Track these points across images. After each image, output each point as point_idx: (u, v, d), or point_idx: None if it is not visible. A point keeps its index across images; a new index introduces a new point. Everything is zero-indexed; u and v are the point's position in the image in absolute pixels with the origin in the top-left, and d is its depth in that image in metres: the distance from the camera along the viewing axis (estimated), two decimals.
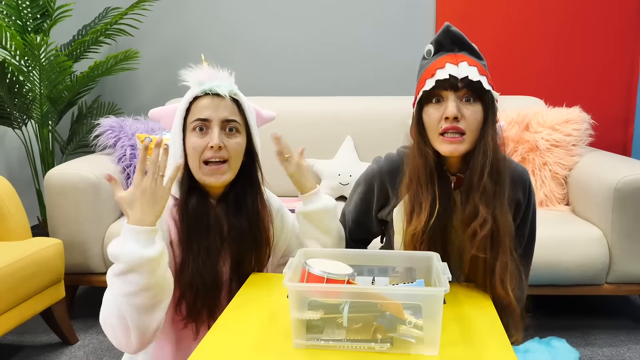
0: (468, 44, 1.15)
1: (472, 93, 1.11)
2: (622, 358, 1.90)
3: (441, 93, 1.12)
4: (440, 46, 1.16)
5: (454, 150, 1.12)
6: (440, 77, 1.09)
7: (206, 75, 1.20)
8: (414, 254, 1.13)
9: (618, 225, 1.95)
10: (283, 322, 1.04)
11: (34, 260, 1.78)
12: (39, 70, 2.46)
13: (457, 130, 1.10)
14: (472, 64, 1.11)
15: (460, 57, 1.12)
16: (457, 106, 1.09)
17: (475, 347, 0.95)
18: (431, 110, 1.14)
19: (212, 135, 1.15)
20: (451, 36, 1.14)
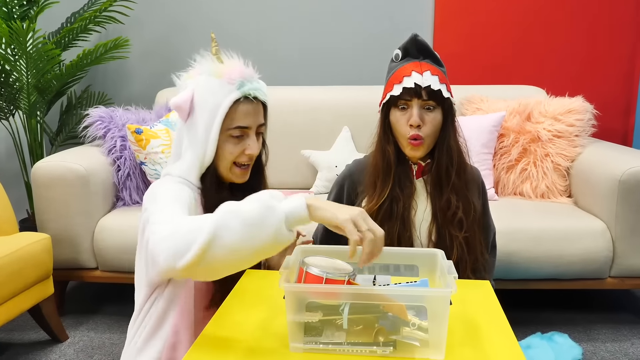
0: (432, 52, 1.30)
1: (433, 101, 1.26)
2: (626, 353, 1.86)
3: (406, 101, 1.27)
4: (407, 52, 1.30)
5: (416, 153, 1.30)
6: (407, 85, 1.25)
7: (239, 72, 1.14)
8: (417, 251, 1.08)
9: (622, 218, 1.90)
10: (279, 324, 0.99)
11: (20, 256, 1.72)
12: (25, 58, 2.38)
13: (418, 137, 1.26)
14: (435, 73, 1.26)
15: (425, 65, 1.27)
16: (420, 114, 1.25)
17: (482, 350, 0.90)
18: (398, 115, 1.29)
19: (251, 144, 1.16)
20: (417, 45, 1.29)
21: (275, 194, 0.91)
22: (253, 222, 0.86)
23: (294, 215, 0.89)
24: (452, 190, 1.30)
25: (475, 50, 2.77)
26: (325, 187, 2.43)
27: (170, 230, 0.91)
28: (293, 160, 2.48)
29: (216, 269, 0.90)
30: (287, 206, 0.89)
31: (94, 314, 2.18)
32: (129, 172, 2.18)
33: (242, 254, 0.87)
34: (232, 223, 0.86)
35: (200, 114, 1.13)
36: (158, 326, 1.09)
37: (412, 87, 1.24)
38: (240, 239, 0.86)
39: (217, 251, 0.86)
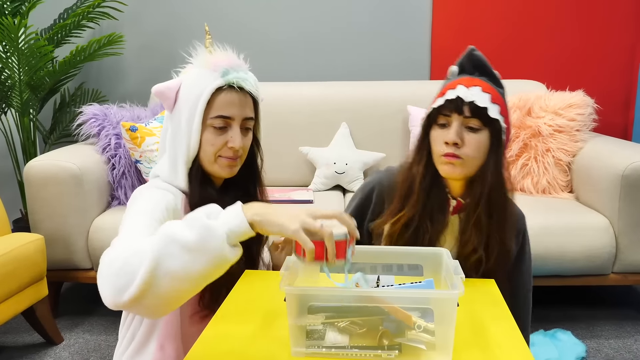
0: (489, 71, 1.14)
1: (477, 120, 1.09)
2: (630, 350, 1.84)
3: (446, 117, 1.11)
4: (463, 69, 1.16)
5: (451, 171, 1.12)
6: (449, 97, 1.09)
7: (226, 61, 1.09)
8: (421, 250, 1.05)
9: (625, 213, 1.88)
10: (280, 327, 0.95)
11: (13, 257, 1.68)
12: (17, 55, 2.33)
13: (454, 156, 1.10)
14: (487, 90, 1.09)
15: (477, 81, 1.11)
16: (459, 132, 1.09)
17: (490, 352, 0.87)
18: (436, 135, 1.14)
19: (233, 136, 1.09)
20: (473, 60, 1.14)
21: (212, 211, 0.82)
22: (193, 247, 0.78)
23: (235, 233, 0.80)
24: (475, 225, 1.14)
25: (475, 45, 2.73)
26: (323, 184, 2.39)
27: (111, 259, 0.82)
28: (291, 157, 2.45)
29: (166, 300, 0.81)
30: (227, 225, 0.80)
31: (90, 316, 2.14)
32: (124, 170, 2.14)
33: (189, 281, 0.80)
34: (172, 249, 0.78)
35: (183, 104, 1.09)
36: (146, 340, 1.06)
37: (453, 99, 1.08)
38: (184, 267, 0.78)
39: (163, 281, 0.78)
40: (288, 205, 0.88)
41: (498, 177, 1.13)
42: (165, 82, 1.10)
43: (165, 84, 1.10)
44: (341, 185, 2.43)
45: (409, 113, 2.42)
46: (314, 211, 0.85)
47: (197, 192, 1.10)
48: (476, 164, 1.12)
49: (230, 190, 1.18)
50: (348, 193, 2.39)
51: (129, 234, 0.91)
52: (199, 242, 0.78)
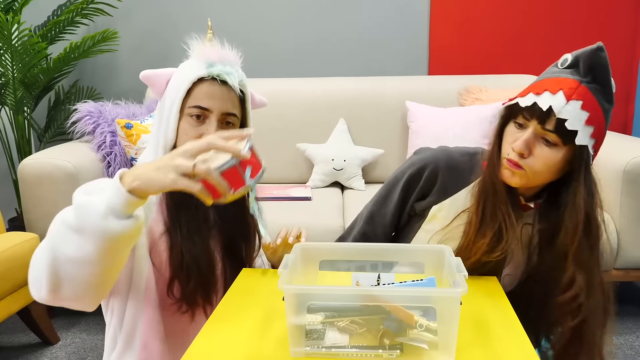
0: (607, 78, 0.96)
1: (556, 136, 0.95)
2: (631, 346, 1.82)
3: (526, 120, 0.98)
4: (576, 64, 0.98)
5: (508, 178, 1.02)
6: (539, 102, 0.94)
7: (216, 54, 1.06)
8: (422, 247, 1.02)
9: (627, 209, 1.86)
10: (279, 327, 0.93)
11: (8, 256, 1.66)
12: (10, 52, 2.30)
13: (516, 165, 1.00)
14: (587, 108, 0.93)
15: (582, 91, 0.94)
16: (528, 141, 0.97)
17: (494, 351, 0.85)
18: (509, 132, 1.02)
19: (209, 129, 1.05)
20: (593, 60, 0.95)
21: (95, 187, 0.79)
22: (77, 227, 0.75)
23: (118, 204, 0.76)
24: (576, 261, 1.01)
25: (473, 40, 2.72)
26: (321, 181, 2.37)
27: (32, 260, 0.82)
28: (289, 153, 2.43)
29: (83, 286, 0.79)
30: (106, 198, 0.76)
31: (86, 315, 2.12)
32: (120, 168, 2.11)
33: (91, 263, 0.77)
34: (64, 234, 0.76)
35: (169, 92, 1.07)
36: (128, 342, 1.04)
37: (541, 109, 0.94)
38: (78, 249, 0.76)
39: (67, 268, 0.77)
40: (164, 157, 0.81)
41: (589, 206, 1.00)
42: (157, 69, 1.09)
43: (154, 70, 1.09)
44: (339, 182, 2.41)
45: (407, 109, 2.39)
46: (184, 150, 0.77)
47: None
48: (540, 179, 1.01)
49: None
50: (346, 189, 2.37)
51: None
52: (79, 221, 0.75)
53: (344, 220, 1.97)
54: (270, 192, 2.22)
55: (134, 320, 1.03)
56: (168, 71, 1.09)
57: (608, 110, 0.98)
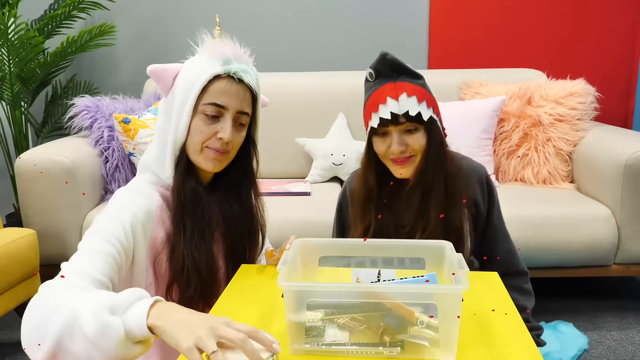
0: (405, 68, 1.19)
1: (413, 123, 1.17)
2: (632, 341, 1.82)
3: (385, 128, 1.18)
4: (379, 73, 1.20)
5: (405, 172, 1.22)
6: (383, 116, 1.16)
7: (230, 52, 1.04)
8: (423, 243, 1.01)
9: (628, 203, 1.85)
10: (278, 323, 0.92)
11: (4, 253, 1.65)
12: (7, 47, 2.29)
13: (405, 160, 1.19)
14: (412, 93, 1.16)
15: (400, 86, 1.17)
16: (400, 141, 1.18)
17: (496, 349, 0.84)
18: (378, 142, 1.21)
19: (224, 128, 1.03)
20: (389, 64, 1.18)
21: (120, 304, 0.76)
22: (91, 339, 0.73)
23: (133, 335, 0.75)
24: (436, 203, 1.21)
25: (473, 33, 2.70)
26: (320, 176, 2.36)
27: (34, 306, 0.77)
28: (288, 148, 2.41)
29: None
30: (127, 324, 0.75)
31: None
32: (117, 163, 2.10)
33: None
34: (75, 332, 0.73)
35: (179, 88, 1.04)
36: None
37: (387, 118, 1.15)
38: (85, 353, 0.73)
39: (66, 358, 0.74)
40: (202, 314, 0.78)
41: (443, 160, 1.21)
42: (165, 64, 1.06)
43: (162, 65, 1.05)
44: (339, 177, 2.39)
45: None
46: (215, 327, 0.73)
47: (180, 183, 1.05)
48: (421, 156, 1.20)
49: (218, 189, 1.13)
50: None
51: (75, 267, 0.85)
52: (96, 336, 0.73)
53: None
54: (269, 188, 2.20)
55: None
56: (176, 66, 1.06)
57: (423, 83, 1.21)
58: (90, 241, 0.91)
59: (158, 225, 1.04)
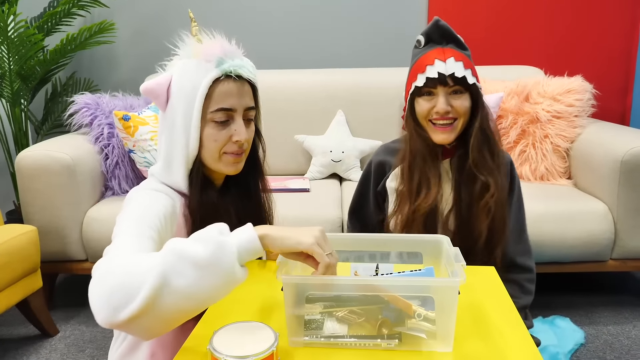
0: (455, 37, 1.25)
1: (459, 86, 1.23)
2: (628, 336, 1.83)
3: (432, 89, 1.24)
4: (430, 38, 1.26)
5: (447, 138, 1.25)
6: (430, 75, 1.21)
7: (220, 49, 1.01)
8: (420, 237, 1.03)
9: (624, 199, 1.86)
10: (277, 316, 0.94)
11: (5, 249, 1.66)
12: (7, 44, 2.29)
13: (447, 119, 1.24)
14: (459, 59, 1.22)
15: (448, 52, 1.23)
16: (446, 101, 1.22)
17: (492, 341, 0.85)
18: (422, 102, 1.26)
19: (238, 129, 1.02)
20: (440, 30, 1.24)
21: (223, 228, 0.79)
22: (204, 263, 0.74)
23: (247, 250, 0.78)
24: (487, 173, 1.26)
25: (472, 30, 2.71)
26: (320, 173, 2.37)
27: (106, 275, 0.75)
28: (287, 145, 2.42)
29: (166, 320, 0.76)
30: (239, 240, 0.78)
31: (85, 307, 2.12)
32: (117, 160, 2.11)
33: (195, 300, 0.76)
34: (181, 266, 0.74)
35: (177, 101, 1.01)
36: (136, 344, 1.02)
37: (435, 77, 1.21)
38: (193, 284, 0.74)
39: (167, 299, 0.73)
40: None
41: (489, 127, 1.27)
42: (154, 78, 1.02)
43: (154, 80, 1.01)
44: (338, 174, 2.41)
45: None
46: (326, 236, 0.85)
47: (197, 196, 1.03)
48: (463, 123, 1.25)
49: (230, 188, 1.12)
50: (345, 181, 2.37)
51: (123, 246, 0.84)
52: (210, 257, 0.74)
53: (342, 211, 1.97)
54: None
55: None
56: (166, 77, 1.03)
57: (469, 55, 1.27)
58: (130, 226, 0.88)
59: (180, 225, 1.03)
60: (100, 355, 1.78)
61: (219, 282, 0.76)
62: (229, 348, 0.74)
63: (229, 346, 0.74)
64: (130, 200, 0.98)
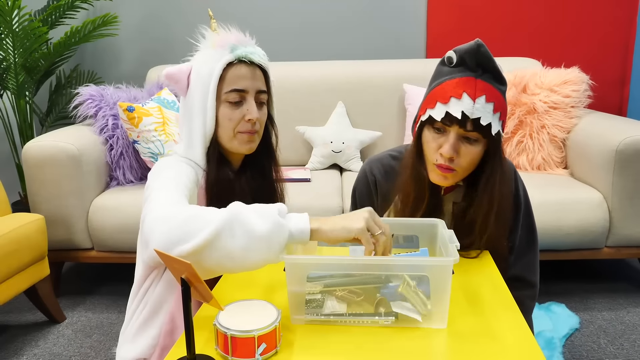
0: (494, 67, 1.05)
1: (477, 133, 1.04)
2: (622, 321, 1.88)
3: (446, 126, 1.05)
4: (463, 61, 1.05)
5: (442, 181, 1.10)
6: (453, 112, 1.02)
7: (234, 39, 1.11)
8: (416, 221, 1.06)
9: (619, 188, 1.90)
10: (280, 296, 0.98)
11: (14, 237, 1.70)
12: (12, 37, 2.33)
13: (448, 169, 1.07)
14: (490, 99, 1.02)
15: (481, 86, 1.02)
16: (454, 145, 1.04)
17: (485, 318, 0.89)
18: (429, 138, 1.09)
19: (250, 109, 1.11)
20: (479, 57, 1.03)
21: (282, 209, 0.88)
22: (259, 236, 0.84)
23: (297, 238, 0.87)
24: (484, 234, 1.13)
25: (470, 23, 2.73)
26: (320, 163, 2.41)
27: (169, 214, 0.87)
28: (288, 136, 2.46)
29: (204, 269, 0.86)
30: (294, 228, 0.86)
31: (91, 295, 2.17)
32: (122, 151, 2.15)
33: (236, 264, 0.85)
34: (237, 231, 0.84)
35: (195, 85, 1.11)
36: (155, 312, 1.06)
37: (457, 117, 1.02)
38: (240, 249, 0.84)
39: (214, 253, 0.84)
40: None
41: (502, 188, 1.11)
42: (176, 66, 1.12)
43: (176, 67, 1.11)
44: (338, 164, 2.44)
45: (405, 91, 2.42)
46: (375, 215, 0.90)
47: (214, 172, 1.12)
48: (468, 171, 1.10)
49: (247, 169, 1.19)
50: (345, 172, 2.41)
51: (166, 197, 0.93)
52: (266, 233, 0.84)
53: (342, 200, 2.01)
54: None
55: (164, 295, 1.05)
56: (187, 66, 1.13)
57: (504, 90, 1.07)
58: (168, 184, 0.98)
59: (201, 196, 1.11)
60: (106, 340, 1.83)
61: (261, 257, 0.85)
62: (234, 323, 0.78)
63: (234, 322, 0.79)
64: (160, 169, 1.06)
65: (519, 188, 1.23)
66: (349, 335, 0.85)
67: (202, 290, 0.76)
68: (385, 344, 0.82)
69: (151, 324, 1.06)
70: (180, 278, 0.75)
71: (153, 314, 1.06)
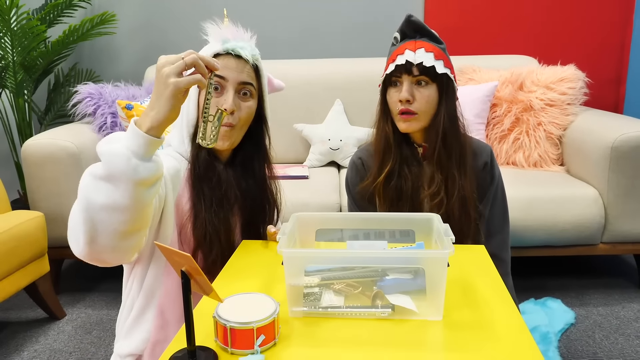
0: (428, 31, 1.27)
1: (426, 77, 1.24)
2: (617, 316, 1.89)
3: (398, 78, 1.26)
4: (405, 34, 1.28)
5: (408, 127, 1.27)
6: (399, 62, 1.23)
7: (230, 33, 1.14)
8: (412, 216, 1.08)
9: (614, 185, 1.92)
10: (278, 289, 0.99)
11: (14, 234, 1.71)
12: (10, 36, 2.33)
13: (408, 111, 1.25)
14: (430, 50, 1.23)
15: (420, 43, 1.25)
16: (409, 90, 1.23)
17: (480, 310, 0.91)
18: (391, 93, 1.28)
19: (226, 98, 1.10)
20: (412, 25, 1.27)
21: (113, 137, 0.86)
22: (106, 175, 0.82)
23: (138, 144, 0.83)
24: (437, 164, 1.28)
25: (467, 21, 2.75)
26: (318, 161, 2.42)
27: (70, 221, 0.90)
28: (286, 134, 2.47)
29: (118, 235, 0.85)
30: (125, 140, 0.84)
31: (90, 292, 2.18)
32: None
33: (123, 209, 0.83)
34: (93, 185, 0.83)
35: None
36: (144, 307, 1.08)
37: (403, 64, 1.23)
38: (109, 197, 0.82)
39: (100, 217, 0.83)
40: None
41: (452, 122, 1.28)
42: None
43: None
44: (336, 161, 2.46)
45: None
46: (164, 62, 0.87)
47: (196, 153, 1.12)
48: (429, 115, 1.26)
49: (236, 167, 1.18)
50: (343, 169, 2.42)
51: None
52: (108, 168, 0.82)
53: (340, 197, 2.02)
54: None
55: (152, 289, 1.07)
56: None
57: (444, 48, 1.27)
58: None
59: (185, 187, 1.11)
60: (106, 336, 1.84)
61: (128, 186, 0.83)
62: (233, 315, 0.80)
63: (233, 314, 0.80)
64: None
65: (495, 165, 1.37)
66: (347, 327, 0.86)
67: (202, 283, 0.78)
68: (382, 336, 0.84)
69: (142, 319, 1.08)
70: (180, 270, 0.76)
71: (143, 309, 1.07)
